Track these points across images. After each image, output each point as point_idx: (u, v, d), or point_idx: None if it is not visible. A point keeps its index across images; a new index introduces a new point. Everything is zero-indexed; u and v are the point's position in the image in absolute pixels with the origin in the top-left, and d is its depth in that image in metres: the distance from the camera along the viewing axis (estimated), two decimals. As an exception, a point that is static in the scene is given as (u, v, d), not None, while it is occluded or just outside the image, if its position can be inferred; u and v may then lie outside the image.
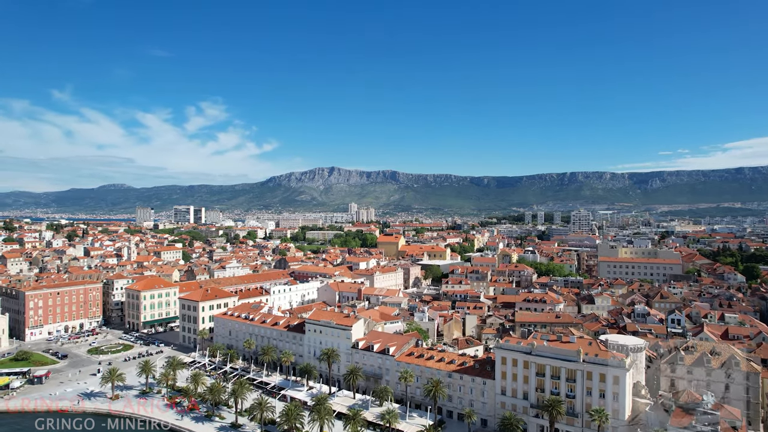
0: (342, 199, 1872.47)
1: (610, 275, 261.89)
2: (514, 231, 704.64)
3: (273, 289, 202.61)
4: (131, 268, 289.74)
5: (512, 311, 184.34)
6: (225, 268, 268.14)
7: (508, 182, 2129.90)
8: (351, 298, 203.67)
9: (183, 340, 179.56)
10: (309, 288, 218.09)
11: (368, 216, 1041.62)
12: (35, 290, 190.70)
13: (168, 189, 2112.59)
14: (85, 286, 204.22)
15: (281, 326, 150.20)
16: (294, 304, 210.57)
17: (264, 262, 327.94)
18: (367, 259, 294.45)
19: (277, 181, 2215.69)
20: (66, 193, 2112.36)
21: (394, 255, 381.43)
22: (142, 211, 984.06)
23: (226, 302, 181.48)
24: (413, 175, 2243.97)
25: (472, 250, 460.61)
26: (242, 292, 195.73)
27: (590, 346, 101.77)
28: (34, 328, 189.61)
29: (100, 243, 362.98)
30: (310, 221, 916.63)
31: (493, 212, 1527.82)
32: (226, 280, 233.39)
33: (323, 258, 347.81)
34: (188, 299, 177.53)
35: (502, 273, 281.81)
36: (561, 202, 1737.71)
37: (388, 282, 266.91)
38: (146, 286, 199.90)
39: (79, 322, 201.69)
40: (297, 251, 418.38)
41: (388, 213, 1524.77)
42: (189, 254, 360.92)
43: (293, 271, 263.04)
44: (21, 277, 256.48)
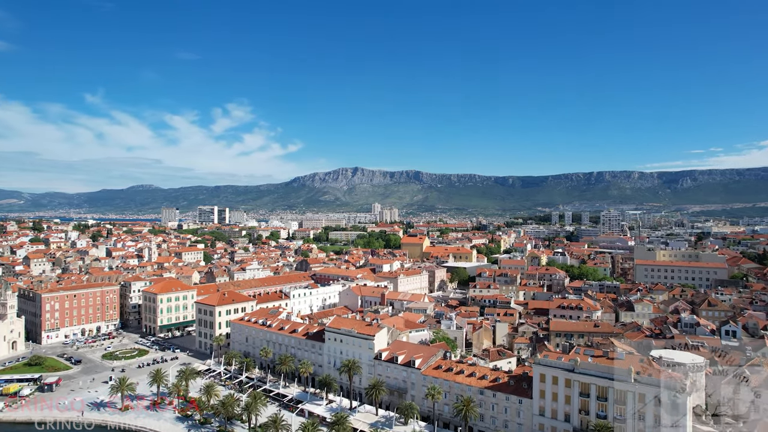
0: (365, 200, 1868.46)
1: (647, 279, 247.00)
2: (541, 232, 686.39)
3: (293, 293, 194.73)
4: (151, 269, 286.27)
5: (546, 318, 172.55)
6: (245, 269, 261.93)
7: (533, 182, 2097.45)
8: (374, 302, 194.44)
9: (199, 346, 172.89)
10: (330, 291, 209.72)
11: (392, 216, 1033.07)
12: (52, 293, 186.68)
13: (194, 189, 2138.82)
14: (102, 289, 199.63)
15: (299, 334, 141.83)
16: (314, 308, 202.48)
17: (285, 264, 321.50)
18: (390, 261, 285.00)
19: (302, 181, 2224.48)
20: (97, 194, 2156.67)
21: (418, 256, 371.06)
22: (167, 211, 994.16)
23: (243, 307, 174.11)
24: (437, 175, 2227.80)
25: (498, 251, 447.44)
26: (261, 296, 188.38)
27: (641, 364, 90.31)
28: (51, 331, 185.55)
29: (123, 244, 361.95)
30: (333, 221, 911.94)
31: (518, 212, 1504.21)
32: (245, 282, 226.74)
33: (345, 259, 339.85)
34: (204, 303, 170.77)
35: (532, 276, 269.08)
36: (587, 202, 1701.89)
37: (413, 285, 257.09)
38: (163, 289, 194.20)
39: (96, 325, 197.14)
40: (319, 252, 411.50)
41: (412, 213, 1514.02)
42: (210, 255, 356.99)
43: (314, 273, 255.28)
44: (42, 278, 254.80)
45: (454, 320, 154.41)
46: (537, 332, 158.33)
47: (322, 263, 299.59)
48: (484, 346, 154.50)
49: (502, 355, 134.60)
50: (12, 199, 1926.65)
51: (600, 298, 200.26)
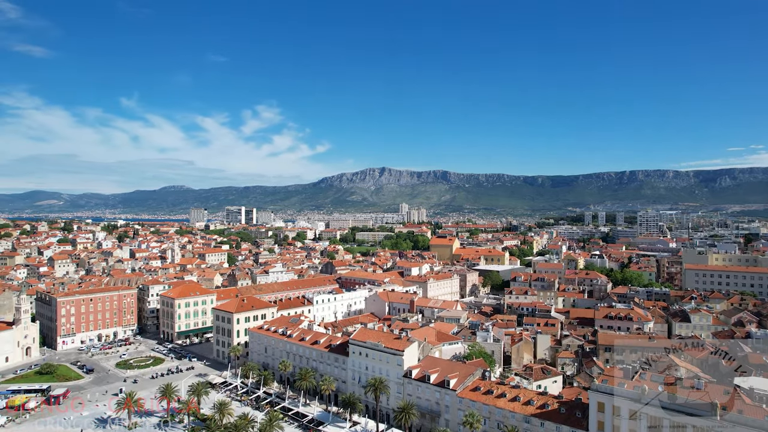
0: (393, 200, 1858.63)
1: (698, 286, 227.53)
2: (574, 233, 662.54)
3: (316, 299, 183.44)
4: (174, 270, 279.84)
5: (591, 330, 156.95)
6: (268, 272, 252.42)
7: (563, 181, 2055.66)
8: (402, 309, 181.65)
9: (217, 355, 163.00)
10: (356, 297, 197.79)
11: (419, 216, 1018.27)
12: (67, 296, 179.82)
13: (224, 190, 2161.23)
14: (119, 293, 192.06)
15: (322, 346, 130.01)
16: (339, 315, 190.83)
17: (310, 266, 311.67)
18: (419, 264, 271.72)
19: (329, 181, 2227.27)
20: (131, 195, 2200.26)
21: (447, 259, 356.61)
22: (195, 211, 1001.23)
23: (263, 313, 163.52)
24: (464, 175, 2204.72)
25: (531, 253, 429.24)
26: (282, 302, 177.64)
27: (726, 396, 75.15)
28: (66, 337, 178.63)
29: (147, 245, 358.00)
30: (360, 222, 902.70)
31: (547, 212, 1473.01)
32: (267, 286, 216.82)
33: (372, 261, 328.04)
34: (222, 310, 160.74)
35: (571, 281, 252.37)
36: (620, 201, 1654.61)
37: (443, 290, 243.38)
38: (181, 294, 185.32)
39: (113, 330, 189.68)
40: (345, 254, 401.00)
41: (439, 213, 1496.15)
42: (235, 257, 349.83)
43: (340, 277, 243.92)
44: (64, 279, 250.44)
45: (491, 332, 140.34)
46: (583, 345, 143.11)
47: (348, 266, 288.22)
48: (524, 361, 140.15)
49: (546, 373, 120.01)
50: (52, 200, 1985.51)
51: (649, 306, 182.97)
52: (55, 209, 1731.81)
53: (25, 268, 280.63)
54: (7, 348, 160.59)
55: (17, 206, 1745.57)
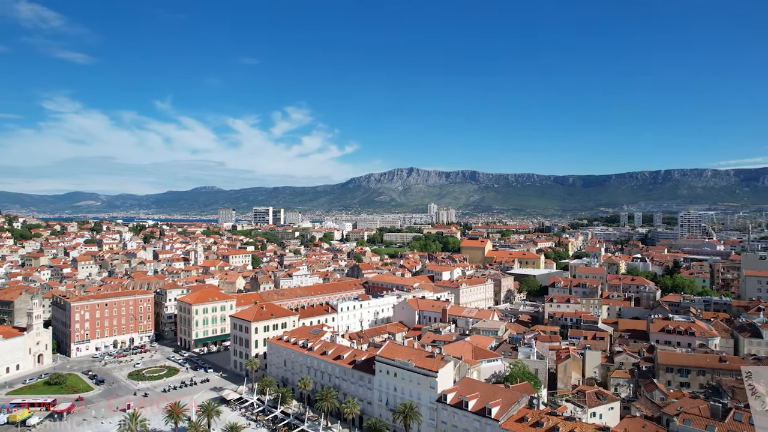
0: (421, 200, 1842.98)
1: (762, 295, 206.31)
2: (611, 234, 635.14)
3: (340, 306, 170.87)
4: (196, 273, 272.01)
5: (646, 345, 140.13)
6: (292, 276, 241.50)
7: (595, 181, 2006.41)
8: (434, 319, 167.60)
9: (234, 366, 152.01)
10: (383, 304, 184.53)
11: (448, 217, 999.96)
12: (81, 301, 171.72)
13: (254, 191, 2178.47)
14: (135, 297, 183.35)
15: (345, 361, 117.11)
16: (365, 323, 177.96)
17: (336, 268, 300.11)
18: (450, 267, 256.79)
19: (357, 182, 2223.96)
20: (164, 195, 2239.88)
21: (479, 261, 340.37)
22: (224, 212, 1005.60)
23: (283, 322, 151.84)
24: (493, 175, 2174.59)
25: (567, 256, 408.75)
26: (305, 309, 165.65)
27: None
28: (80, 343, 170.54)
29: (171, 246, 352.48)
30: (388, 222, 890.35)
31: (579, 213, 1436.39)
32: (290, 291, 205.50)
33: (401, 264, 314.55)
34: (239, 318, 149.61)
35: (615, 287, 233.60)
36: (654, 202, 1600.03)
37: (476, 296, 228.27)
38: (198, 299, 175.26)
39: (129, 336, 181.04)
40: (373, 255, 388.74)
41: (468, 214, 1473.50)
42: (259, 259, 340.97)
43: (366, 281, 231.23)
44: (85, 281, 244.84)
45: (534, 347, 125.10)
46: (639, 364, 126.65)
47: (375, 269, 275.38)
48: (572, 381, 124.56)
49: (602, 398, 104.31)
50: (90, 201, 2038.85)
51: (709, 318, 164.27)
52: (93, 209, 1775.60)
53: (49, 270, 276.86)
54: (18, 355, 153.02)
55: (58, 207, 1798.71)
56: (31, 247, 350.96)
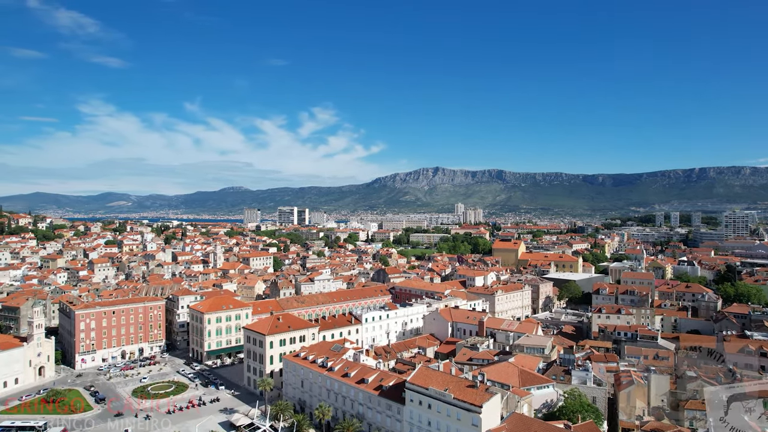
0: (446, 200, 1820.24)
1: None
2: (648, 235, 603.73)
3: (365, 317, 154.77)
4: (215, 276, 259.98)
5: (722, 368, 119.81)
6: (314, 280, 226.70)
7: (626, 180, 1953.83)
8: (469, 331, 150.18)
9: (248, 383, 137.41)
10: (412, 314, 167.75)
11: (476, 217, 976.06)
12: (87, 309, 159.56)
13: (281, 191, 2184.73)
14: (145, 304, 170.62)
15: (370, 386, 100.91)
16: (392, 335, 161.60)
17: (361, 272, 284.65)
18: (483, 272, 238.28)
19: (383, 182, 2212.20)
20: (192, 196, 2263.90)
21: (512, 264, 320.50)
22: (249, 212, 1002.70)
23: (302, 335, 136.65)
24: (520, 174, 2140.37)
25: (605, 258, 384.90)
26: (326, 320, 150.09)
27: None
28: (86, 354, 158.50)
29: (191, 247, 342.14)
30: (414, 222, 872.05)
31: (609, 213, 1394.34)
32: (311, 298, 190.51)
33: (429, 267, 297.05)
34: (253, 330, 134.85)
35: (666, 295, 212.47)
36: (688, 201, 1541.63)
37: (513, 303, 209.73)
38: (211, 307, 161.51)
39: (138, 346, 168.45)
40: (399, 257, 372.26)
41: (494, 213, 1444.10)
42: (281, 261, 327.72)
43: (393, 287, 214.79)
44: (99, 285, 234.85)
45: (590, 371, 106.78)
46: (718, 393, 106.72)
47: (402, 272, 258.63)
48: (636, 411, 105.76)
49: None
50: (122, 201, 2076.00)
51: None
52: (124, 210, 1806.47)
53: (66, 272, 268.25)
54: (17, 368, 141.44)
55: (92, 207, 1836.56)
56: (53, 249, 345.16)
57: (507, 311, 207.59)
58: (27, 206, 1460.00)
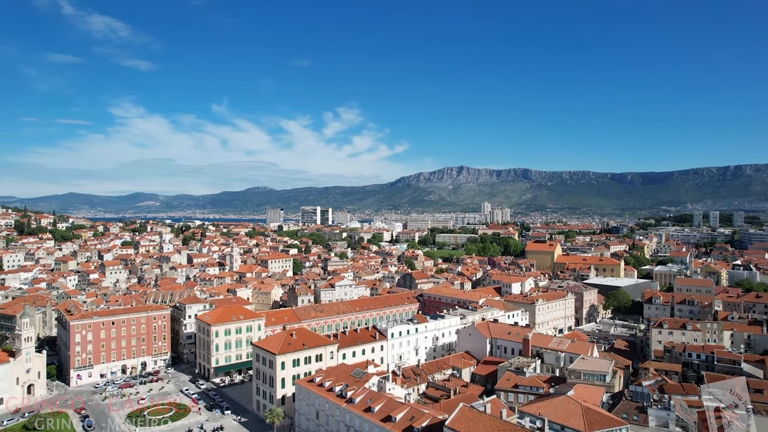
0: (471, 199, 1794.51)
1: None
2: (689, 236, 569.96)
3: (391, 332, 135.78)
4: (230, 280, 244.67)
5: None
6: (334, 286, 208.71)
7: (656, 178, 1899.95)
8: (511, 350, 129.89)
9: (257, 407, 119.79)
10: (444, 327, 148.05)
11: (503, 216, 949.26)
12: (83, 319, 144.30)
13: (305, 191, 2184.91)
14: (148, 314, 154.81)
15: (398, 426, 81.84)
16: (422, 352, 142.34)
17: (386, 275, 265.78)
18: (520, 277, 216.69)
19: (406, 181, 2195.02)
20: (218, 196, 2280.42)
21: (548, 268, 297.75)
22: (272, 211, 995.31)
23: (318, 354, 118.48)
24: (547, 173, 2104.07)
25: (646, 261, 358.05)
26: (345, 335, 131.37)
27: None
28: (81, 369, 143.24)
29: (208, 249, 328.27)
30: (439, 222, 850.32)
31: (638, 212, 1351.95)
32: (330, 307, 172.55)
33: (459, 271, 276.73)
34: (263, 348, 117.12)
35: (731, 306, 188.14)
36: (723, 200, 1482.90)
37: (554, 313, 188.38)
38: (220, 319, 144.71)
39: (141, 360, 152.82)
40: (426, 259, 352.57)
41: (520, 213, 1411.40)
42: (301, 263, 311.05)
43: (421, 294, 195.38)
44: (108, 290, 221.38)
45: (672, 411, 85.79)
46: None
47: (431, 277, 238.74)
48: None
49: None
50: (150, 201, 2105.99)
51: None
52: (152, 210, 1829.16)
53: (76, 275, 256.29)
54: (3, 386, 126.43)
55: (122, 207, 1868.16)
56: (69, 250, 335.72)
57: (548, 322, 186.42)
58: (61, 206, 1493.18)
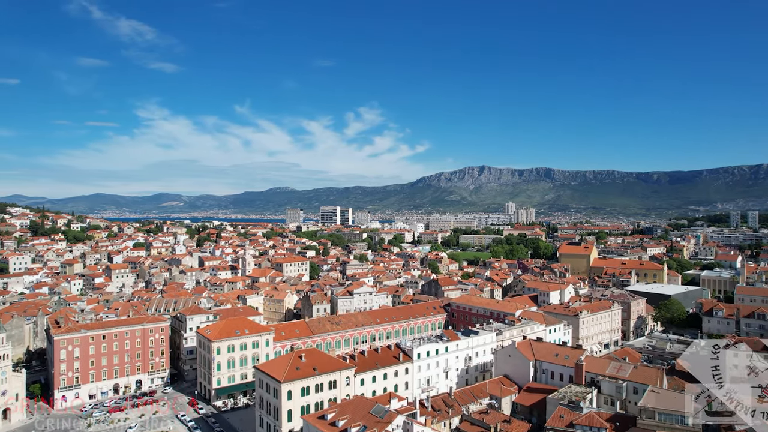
0: (492, 199, 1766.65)
1: None
2: (732, 237, 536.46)
3: (416, 351, 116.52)
4: (242, 285, 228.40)
5: None
6: (353, 294, 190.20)
7: (684, 177, 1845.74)
8: (559, 375, 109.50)
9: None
10: (478, 346, 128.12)
11: (528, 217, 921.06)
12: (69, 333, 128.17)
13: (326, 191, 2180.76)
14: (144, 326, 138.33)
15: (432, 492, 62.72)
16: (453, 376, 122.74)
17: (409, 281, 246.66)
18: (559, 285, 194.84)
19: (427, 181, 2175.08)
20: (240, 196, 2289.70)
21: (583, 273, 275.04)
22: (291, 212, 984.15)
23: (332, 380, 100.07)
24: (570, 172, 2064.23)
25: (688, 264, 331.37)
26: (364, 357, 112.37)
27: None
28: (67, 390, 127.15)
29: (221, 251, 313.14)
30: (462, 222, 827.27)
31: (665, 212, 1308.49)
32: (348, 318, 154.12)
33: (487, 276, 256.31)
34: (266, 373, 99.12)
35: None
36: (756, 199, 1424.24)
37: (599, 326, 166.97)
38: (222, 333, 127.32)
39: (136, 378, 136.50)
40: (450, 262, 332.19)
41: (543, 213, 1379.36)
42: (318, 267, 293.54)
43: (449, 303, 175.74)
44: (111, 295, 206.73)
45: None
46: None
47: (458, 284, 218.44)
48: None
49: None
50: (174, 202, 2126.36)
51: None
52: (176, 210, 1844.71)
53: (81, 279, 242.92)
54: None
55: (146, 207, 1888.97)
56: (79, 251, 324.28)
57: (593, 337, 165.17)
58: (89, 207, 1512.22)
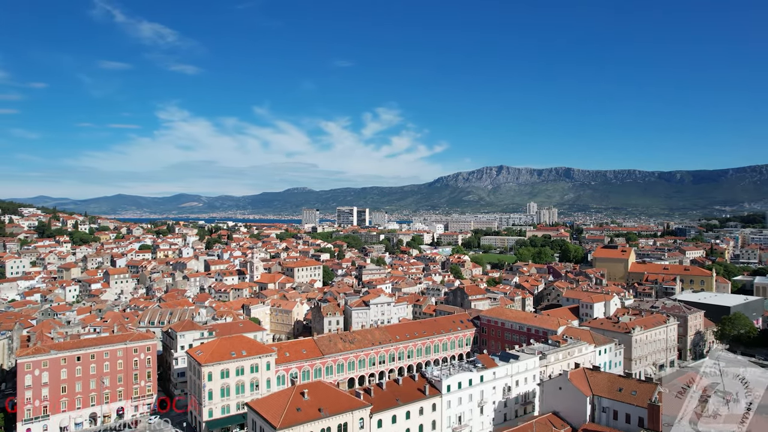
0: (511, 199, 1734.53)
1: None
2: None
3: (446, 384, 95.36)
4: (249, 292, 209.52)
5: None
6: (369, 304, 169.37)
7: (708, 177, 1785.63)
8: (625, 415, 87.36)
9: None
10: (519, 373, 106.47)
11: (550, 217, 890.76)
12: (36, 355, 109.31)
13: (343, 191, 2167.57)
14: (128, 345, 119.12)
15: None
16: (489, 410, 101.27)
17: (430, 287, 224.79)
18: (603, 295, 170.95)
19: (444, 181, 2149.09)
20: (259, 197, 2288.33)
21: (621, 279, 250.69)
22: (307, 212, 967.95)
23: (342, 423, 79.57)
24: (590, 172, 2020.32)
25: (735, 270, 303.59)
26: (383, 390, 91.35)
27: None
28: (34, 422, 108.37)
29: (230, 254, 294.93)
30: (482, 223, 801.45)
31: (689, 212, 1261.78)
32: (363, 335, 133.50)
33: (515, 282, 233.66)
34: (260, 415, 78.92)
35: None
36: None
37: (653, 345, 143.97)
38: (215, 355, 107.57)
39: (117, 405, 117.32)
40: (474, 266, 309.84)
41: (563, 213, 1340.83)
42: (333, 271, 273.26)
43: (478, 316, 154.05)
44: (105, 304, 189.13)
45: None
46: None
47: (486, 293, 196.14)
48: None
49: None
50: (193, 202, 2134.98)
51: None
52: (195, 210, 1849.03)
53: (78, 285, 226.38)
54: None
55: (166, 208, 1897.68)
56: (82, 254, 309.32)
57: (646, 357, 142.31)
58: (111, 208, 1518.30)
